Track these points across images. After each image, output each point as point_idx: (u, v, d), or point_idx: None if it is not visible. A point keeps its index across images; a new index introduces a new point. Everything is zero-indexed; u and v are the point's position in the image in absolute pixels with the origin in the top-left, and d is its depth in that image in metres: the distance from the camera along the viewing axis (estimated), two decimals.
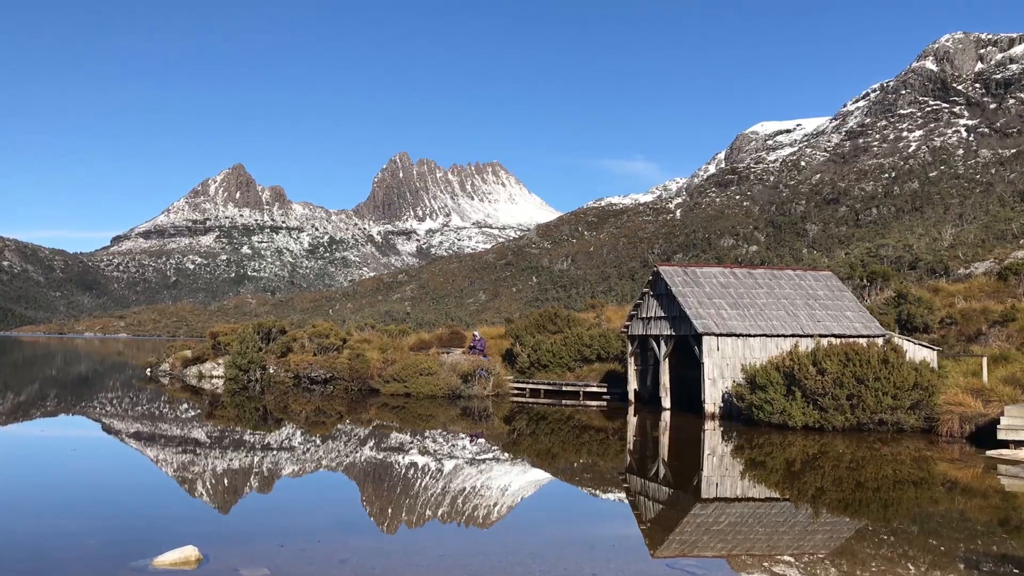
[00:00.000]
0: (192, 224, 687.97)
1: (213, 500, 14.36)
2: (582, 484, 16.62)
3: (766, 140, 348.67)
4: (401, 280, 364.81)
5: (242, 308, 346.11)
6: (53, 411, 29.52)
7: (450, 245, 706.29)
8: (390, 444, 21.26)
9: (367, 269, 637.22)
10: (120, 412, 28.67)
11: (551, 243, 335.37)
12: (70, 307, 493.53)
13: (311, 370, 39.22)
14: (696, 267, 30.88)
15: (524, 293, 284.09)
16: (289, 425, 25.87)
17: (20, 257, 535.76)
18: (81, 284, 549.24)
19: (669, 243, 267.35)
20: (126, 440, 21.58)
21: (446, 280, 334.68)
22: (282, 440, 22.03)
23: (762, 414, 23.64)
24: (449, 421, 27.04)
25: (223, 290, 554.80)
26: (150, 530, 11.68)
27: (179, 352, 50.51)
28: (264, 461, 18.25)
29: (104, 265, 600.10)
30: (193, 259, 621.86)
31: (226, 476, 16.50)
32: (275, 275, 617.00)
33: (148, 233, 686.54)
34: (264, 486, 15.67)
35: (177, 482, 15.81)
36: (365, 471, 17.37)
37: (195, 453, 19.27)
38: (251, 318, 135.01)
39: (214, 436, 22.55)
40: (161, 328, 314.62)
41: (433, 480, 16.14)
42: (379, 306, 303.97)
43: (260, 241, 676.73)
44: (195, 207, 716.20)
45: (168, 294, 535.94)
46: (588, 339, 36.52)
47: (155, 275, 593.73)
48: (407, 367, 34.89)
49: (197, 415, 28.07)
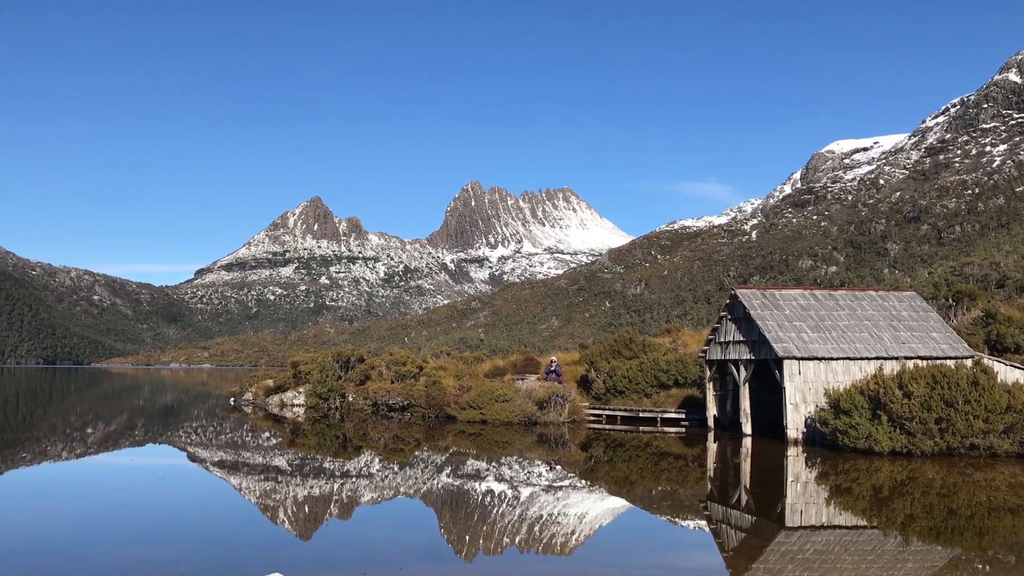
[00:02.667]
0: (272, 256, 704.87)
1: (295, 527, 14.56)
2: (661, 512, 16.36)
3: (843, 159, 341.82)
4: (474, 307, 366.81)
5: (321, 337, 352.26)
6: (141, 440, 30.38)
7: (522, 271, 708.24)
8: (467, 471, 21.28)
9: (441, 297, 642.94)
10: (205, 441, 29.37)
11: (624, 268, 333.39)
12: (156, 339, 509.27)
13: (389, 397, 39.62)
14: (775, 289, 30.32)
15: (597, 318, 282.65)
16: (368, 452, 26.13)
17: (109, 291, 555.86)
18: (167, 316, 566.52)
19: (745, 265, 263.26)
20: (211, 468, 22.07)
21: (519, 306, 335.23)
22: (361, 467, 22.25)
23: (847, 439, 22.99)
24: (525, 448, 26.96)
25: (302, 320, 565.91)
26: (237, 558, 11.91)
27: (261, 381, 51.62)
28: (344, 488, 18.46)
29: (188, 297, 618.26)
30: (273, 290, 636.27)
31: (307, 503, 16.73)
32: (352, 304, 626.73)
33: (230, 266, 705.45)
34: (344, 513, 15.83)
35: (260, 509, 16.08)
36: (443, 498, 17.42)
37: (277, 481, 19.59)
38: (330, 347, 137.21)
39: (295, 464, 22.90)
40: (243, 358, 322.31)
41: (510, 507, 16.08)
42: (453, 333, 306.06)
43: (338, 271, 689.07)
44: (275, 239, 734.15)
45: (250, 324, 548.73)
46: (665, 364, 36.09)
47: (237, 306, 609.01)
48: (483, 394, 34.98)
49: (279, 443, 28.58)
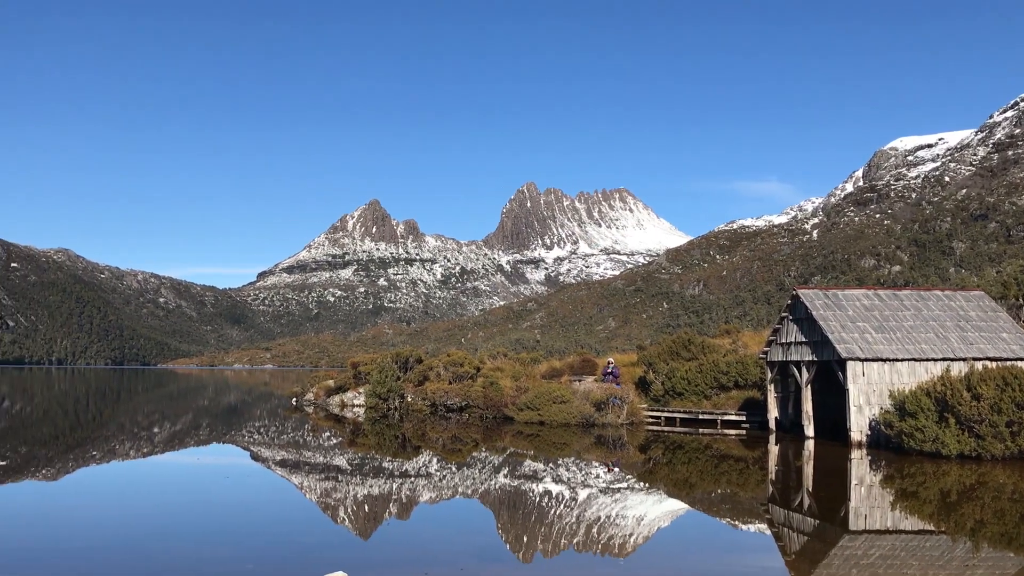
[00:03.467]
0: (332, 259, 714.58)
1: (355, 526, 14.74)
2: (721, 515, 16.18)
3: (906, 156, 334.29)
4: (530, 308, 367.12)
5: (379, 338, 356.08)
6: (206, 440, 31.03)
7: (578, 272, 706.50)
8: (524, 472, 21.31)
9: (497, 298, 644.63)
10: (267, 440, 29.89)
11: (681, 268, 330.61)
12: (220, 340, 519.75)
13: (447, 398, 39.88)
14: (837, 289, 29.79)
15: (655, 319, 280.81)
16: (426, 452, 26.34)
17: (175, 294, 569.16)
18: (230, 318, 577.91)
19: (806, 265, 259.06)
20: (273, 467, 22.46)
21: (575, 307, 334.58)
22: (420, 467, 22.43)
23: (913, 442, 22.49)
24: (583, 449, 26.91)
25: (361, 321, 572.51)
26: (300, 556, 12.11)
27: (322, 382, 52.38)
28: (403, 488, 18.63)
29: (251, 300, 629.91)
30: (333, 292, 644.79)
31: (367, 503, 16.92)
32: (410, 305, 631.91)
33: (291, 268, 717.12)
34: (403, 512, 15.97)
35: (321, 508, 16.32)
36: (500, 499, 17.47)
37: (337, 480, 19.85)
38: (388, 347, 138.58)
39: (355, 463, 23.18)
40: (304, 359, 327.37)
41: (568, 509, 16.07)
42: (509, 334, 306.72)
43: (395, 273, 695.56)
44: (334, 242, 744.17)
45: (310, 326, 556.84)
46: (724, 366, 35.70)
47: (298, 308, 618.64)
48: (540, 395, 35.00)
49: (339, 443, 28.95)
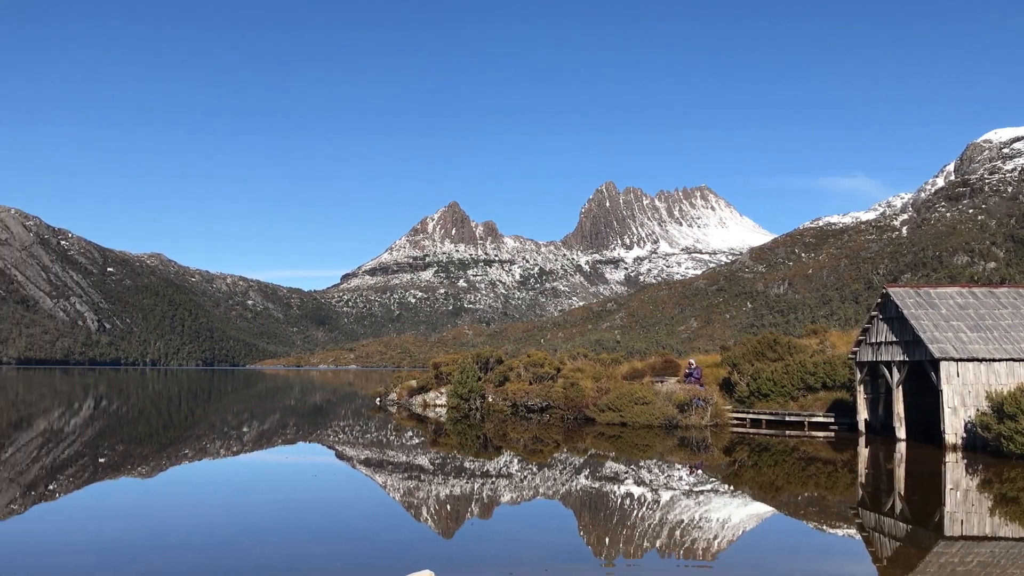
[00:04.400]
0: (413, 261, 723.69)
1: (438, 525, 14.87)
2: (808, 518, 15.81)
3: (1001, 148, 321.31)
4: (610, 308, 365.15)
5: (460, 339, 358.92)
6: (292, 439, 31.74)
7: (659, 272, 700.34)
8: (606, 473, 21.20)
9: (576, 298, 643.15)
10: (352, 440, 30.42)
11: (766, 267, 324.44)
12: (306, 341, 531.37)
13: (527, 399, 39.95)
14: (929, 287, 28.81)
15: (738, 319, 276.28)
16: (507, 452, 26.42)
17: (262, 296, 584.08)
18: (315, 319, 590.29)
19: (895, 263, 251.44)
20: (357, 466, 22.84)
21: (655, 308, 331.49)
22: (501, 467, 22.52)
23: (1013, 445, 21.59)
24: (666, 451, 26.63)
25: (442, 322, 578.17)
26: (386, 554, 12.29)
27: (405, 382, 53.08)
28: (484, 488, 18.73)
29: (335, 302, 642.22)
30: (414, 293, 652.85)
31: (449, 502, 17.06)
32: (489, 306, 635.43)
33: (374, 270, 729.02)
34: (485, 512, 16.05)
35: (404, 507, 16.52)
36: (582, 500, 17.41)
37: (420, 479, 20.07)
38: (468, 348, 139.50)
39: (437, 463, 23.40)
40: (387, 359, 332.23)
41: (650, 511, 15.92)
42: (589, 335, 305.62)
43: (475, 275, 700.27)
44: (415, 244, 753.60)
45: (392, 327, 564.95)
46: (812, 366, 34.88)
47: (380, 309, 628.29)
48: (621, 396, 34.77)
49: (421, 442, 29.27)
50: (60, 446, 26.46)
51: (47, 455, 24.02)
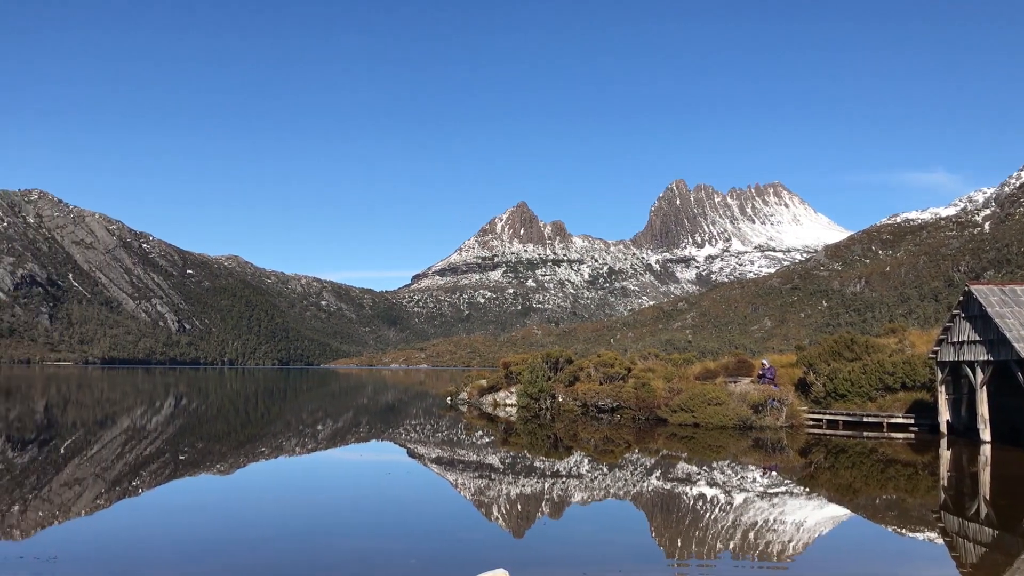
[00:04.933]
0: (481, 261, 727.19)
1: (509, 524, 14.91)
2: (887, 522, 15.40)
3: None
4: (681, 308, 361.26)
5: (528, 339, 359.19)
6: (365, 437, 32.19)
7: (731, 271, 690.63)
8: (678, 475, 20.99)
9: (646, 298, 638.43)
10: (423, 438, 30.71)
11: (841, 264, 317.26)
12: (378, 341, 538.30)
13: (598, 399, 39.80)
14: (1015, 285, 27.83)
15: (813, 318, 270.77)
16: (578, 453, 26.36)
17: (336, 297, 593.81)
18: (387, 320, 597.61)
19: (977, 259, 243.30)
20: (429, 465, 23.05)
21: (728, 307, 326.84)
22: (571, 467, 22.47)
23: None
24: (740, 452, 26.23)
25: (511, 322, 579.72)
26: (459, 552, 12.39)
27: (475, 382, 53.39)
28: (555, 488, 18.71)
29: (406, 302, 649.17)
30: (483, 293, 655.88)
31: (520, 501, 17.09)
32: (558, 306, 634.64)
33: (443, 271, 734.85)
34: (556, 512, 16.03)
35: (476, 506, 16.61)
36: (653, 501, 17.26)
37: (491, 479, 20.15)
38: (537, 348, 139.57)
39: (507, 462, 23.47)
40: (457, 359, 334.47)
41: (723, 512, 15.70)
42: (659, 335, 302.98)
43: (543, 274, 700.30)
44: (484, 245, 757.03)
45: (462, 327, 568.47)
46: (890, 366, 33.98)
47: (450, 309, 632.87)
48: (694, 396, 34.39)
49: (492, 442, 29.39)
50: (143, 443, 27.30)
51: (131, 452, 24.81)
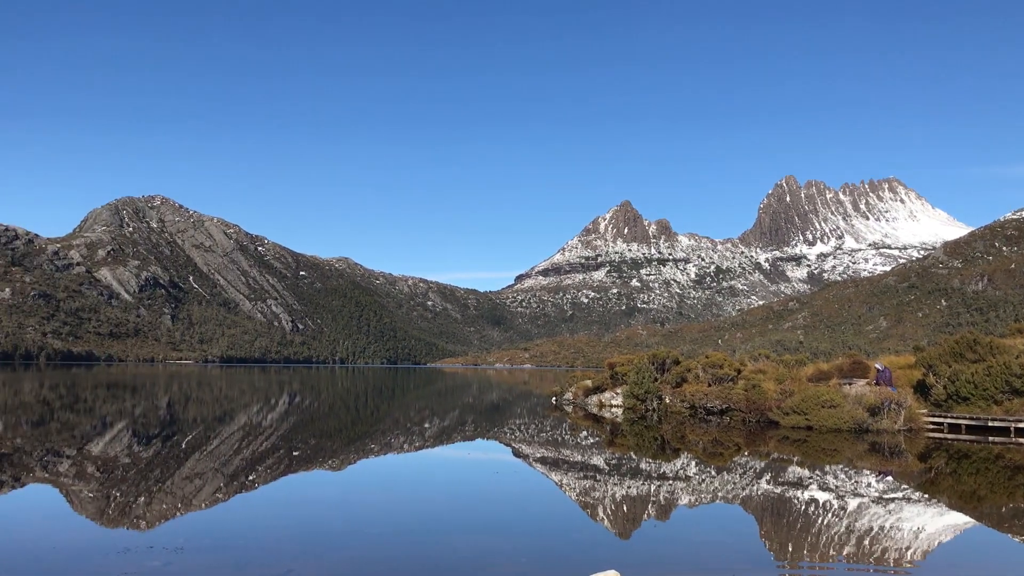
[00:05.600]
0: (585, 261, 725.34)
1: (615, 525, 14.84)
2: (1016, 531, 14.64)
3: None
4: (792, 308, 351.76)
5: (633, 339, 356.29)
6: (471, 435, 32.54)
7: (844, 269, 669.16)
8: (789, 478, 20.47)
9: (755, 297, 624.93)
10: (528, 438, 30.84)
11: (962, 262, 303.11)
12: (482, 340, 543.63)
13: (706, 400, 39.18)
14: None
15: (931, 318, 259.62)
16: (685, 455, 26.01)
17: (441, 297, 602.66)
18: (491, 319, 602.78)
19: None
20: (534, 464, 23.13)
21: (841, 307, 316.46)
22: (678, 469, 22.19)
23: None
24: (855, 457, 25.39)
25: (615, 322, 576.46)
26: (568, 552, 12.42)
27: (580, 382, 53.33)
28: (661, 489, 18.52)
29: (509, 302, 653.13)
30: (587, 293, 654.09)
31: (625, 503, 16.98)
32: (663, 306, 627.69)
33: (546, 271, 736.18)
34: (662, 514, 15.87)
35: (581, 506, 16.59)
36: (763, 505, 16.88)
37: (596, 479, 20.09)
38: (642, 349, 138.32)
39: (613, 463, 23.35)
40: (560, 359, 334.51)
41: (836, 518, 15.23)
42: (769, 335, 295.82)
43: (648, 274, 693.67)
44: (587, 244, 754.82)
45: (565, 327, 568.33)
46: (1018, 368, 32.26)
47: (553, 309, 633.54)
48: (807, 399, 33.47)
49: (597, 442, 29.29)
50: (258, 439, 28.31)
51: (247, 447, 25.77)
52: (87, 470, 19.76)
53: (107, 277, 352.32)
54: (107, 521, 14.09)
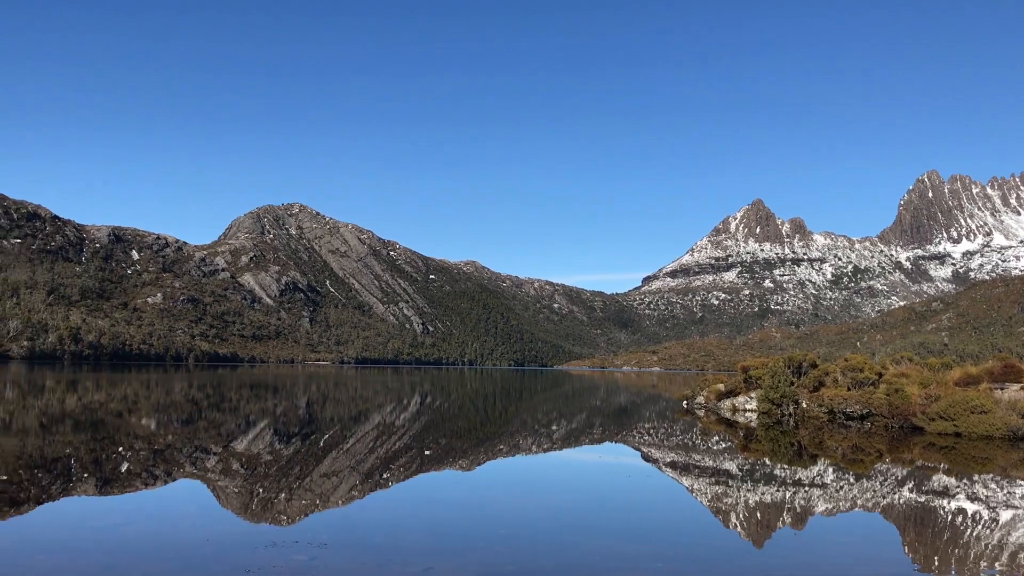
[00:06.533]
0: (715, 261, 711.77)
1: (748, 533, 14.50)
2: None
3: None
4: (936, 308, 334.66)
5: (766, 342, 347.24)
6: (599, 438, 32.43)
7: (993, 267, 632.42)
8: (934, 487, 19.49)
9: (896, 298, 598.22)
10: (656, 441, 30.49)
11: None
12: (609, 343, 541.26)
13: (846, 405, 37.78)
14: None
15: None
16: (823, 461, 25.14)
17: (567, 299, 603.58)
18: (617, 322, 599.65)
19: None
20: (664, 468, 22.85)
21: (989, 307, 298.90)
22: (814, 476, 21.48)
23: None
24: (1009, 466, 23.93)
25: (747, 324, 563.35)
26: (702, 557, 12.27)
27: (712, 385, 52.33)
28: (796, 497, 17.98)
29: (636, 304, 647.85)
30: (717, 295, 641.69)
31: (759, 509, 16.57)
32: (798, 308, 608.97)
33: (675, 272, 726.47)
34: (797, 522, 15.40)
35: (713, 512, 16.29)
36: (906, 514, 16.15)
37: (728, 485, 19.68)
38: (776, 351, 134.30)
39: (745, 469, 22.81)
40: (690, 362, 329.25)
41: (987, 530, 14.42)
42: (911, 337, 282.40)
43: (781, 274, 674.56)
44: (717, 245, 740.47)
45: (695, 329, 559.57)
46: None
47: (682, 311, 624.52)
48: (955, 404, 31.78)
49: (729, 447, 28.68)
50: (392, 438, 29.08)
51: (381, 446, 26.50)
52: (232, 466, 20.78)
53: (250, 282, 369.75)
54: (251, 515, 14.78)
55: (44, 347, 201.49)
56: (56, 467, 19.47)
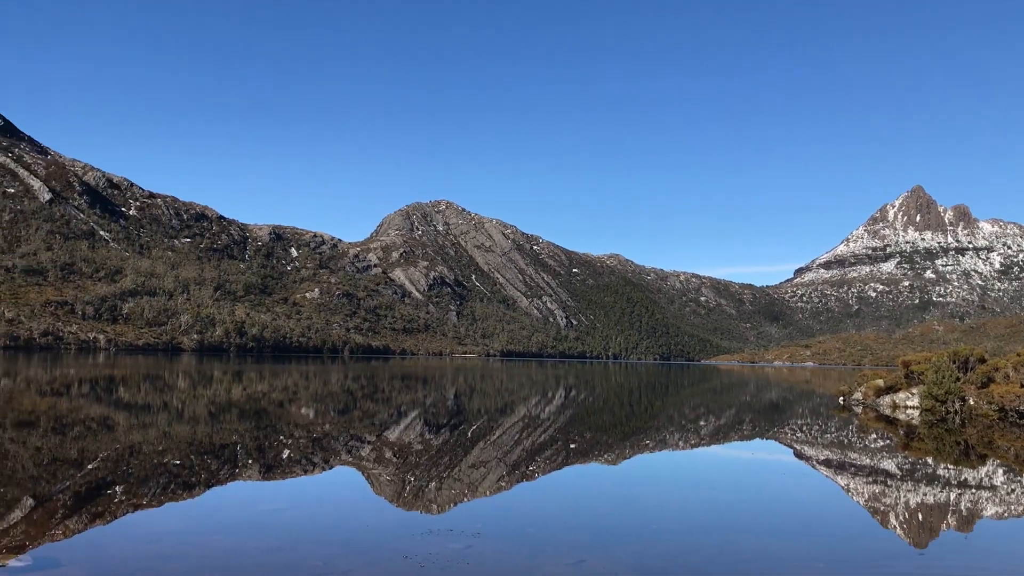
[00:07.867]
0: (871, 252, 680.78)
1: (909, 534, 13.87)
2: None
3: None
4: None
5: (928, 335, 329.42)
6: (749, 435, 31.66)
7: None
8: None
9: None
10: (810, 439, 29.50)
11: None
12: (759, 337, 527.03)
13: (1019, 403, 35.45)
14: None
15: None
16: (992, 461, 23.69)
17: (714, 292, 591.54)
18: (768, 315, 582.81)
19: None
20: (818, 466, 22.11)
21: None
22: (982, 477, 20.28)
23: None
24: None
25: (906, 317, 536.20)
26: (863, 559, 11.90)
27: (871, 381, 50.21)
28: (962, 499, 17.04)
29: (788, 296, 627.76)
30: (874, 287, 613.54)
31: (920, 511, 15.82)
32: (962, 299, 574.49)
33: (828, 264, 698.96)
34: (963, 525, 14.61)
35: (871, 512, 15.67)
36: None
37: (886, 484, 18.86)
38: (938, 346, 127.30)
39: (905, 468, 21.78)
40: (846, 357, 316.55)
41: None
42: None
43: (944, 264, 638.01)
44: (874, 234, 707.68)
45: (850, 322, 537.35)
46: None
47: (837, 304, 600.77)
48: None
49: (888, 445, 27.44)
50: (537, 430, 29.37)
51: (527, 438, 26.82)
52: (385, 455, 21.55)
53: (400, 277, 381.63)
54: (404, 503, 15.30)
55: (212, 340, 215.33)
56: (224, 453, 20.73)
